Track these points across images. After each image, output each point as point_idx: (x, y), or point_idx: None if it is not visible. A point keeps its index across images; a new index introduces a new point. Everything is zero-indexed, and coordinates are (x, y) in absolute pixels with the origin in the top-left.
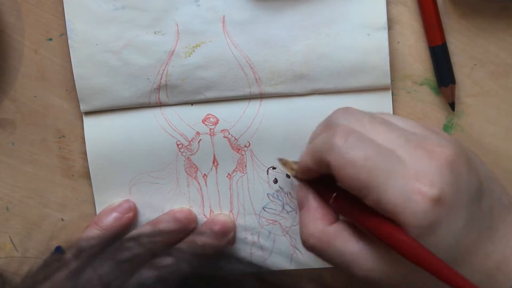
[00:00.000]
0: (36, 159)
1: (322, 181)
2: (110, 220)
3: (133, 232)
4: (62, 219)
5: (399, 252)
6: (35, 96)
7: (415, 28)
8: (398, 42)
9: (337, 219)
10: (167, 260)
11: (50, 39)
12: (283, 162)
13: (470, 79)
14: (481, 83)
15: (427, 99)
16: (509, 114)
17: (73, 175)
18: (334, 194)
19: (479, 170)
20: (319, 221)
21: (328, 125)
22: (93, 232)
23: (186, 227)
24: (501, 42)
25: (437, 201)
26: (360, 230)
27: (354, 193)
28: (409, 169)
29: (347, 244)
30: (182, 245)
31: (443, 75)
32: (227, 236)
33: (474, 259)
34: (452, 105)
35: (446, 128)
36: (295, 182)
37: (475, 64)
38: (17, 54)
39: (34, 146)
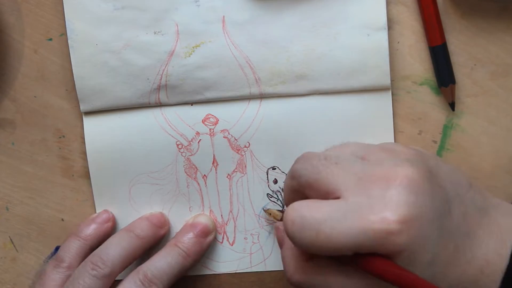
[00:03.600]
0: (36, 159)
1: None
2: (89, 231)
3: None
4: (62, 219)
5: (384, 279)
6: (35, 96)
7: (415, 28)
8: (398, 42)
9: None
10: None
11: (50, 39)
12: (268, 212)
13: (470, 79)
14: (481, 83)
15: (427, 99)
16: (509, 114)
17: (73, 175)
18: None
19: (444, 178)
20: (299, 257)
21: (292, 176)
22: (74, 242)
23: (159, 231)
24: (501, 42)
25: (402, 223)
26: (338, 260)
27: None
28: (365, 210)
29: (328, 277)
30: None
31: (443, 75)
32: (208, 237)
33: (457, 269)
34: (452, 105)
35: (446, 128)
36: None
37: (475, 64)
38: (17, 54)
39: (34, 146)
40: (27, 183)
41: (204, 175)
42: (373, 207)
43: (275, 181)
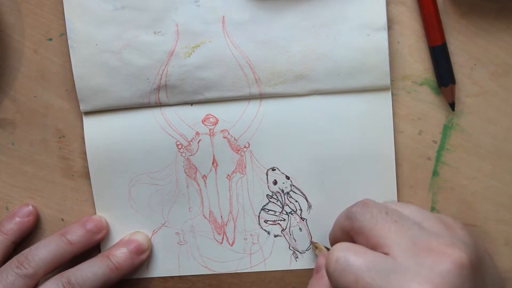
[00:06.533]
0: (36, 159)
1: None
2: (10, 225)
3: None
4: (62, 219)
5: None
6: (35, 96)
7: (415, 28)
8: (398, 42)
9: None
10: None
11: (50, 39)
12: (315, 246)
13: (470, 79)
14: (481, 83)
15: (427, 99)
16: (509, 114)
17: (73, 175)
18: None
19: (486, 271)
20: None
21: (348, 217)
22: None
23: (94, 237)
24: (501, 42)
25: None
26: None
27: None
28: (410, 275)
29: None
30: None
31: (443, 75)
32: (141, 255)
33: None
34: (452, 105)
35: (446, 128)
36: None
37: (475, 64)
38: (17, 54)
39: (34, 146)
40: (27, 183)
41: (204, 175)
42: (419, 275)
43: (275, 182)
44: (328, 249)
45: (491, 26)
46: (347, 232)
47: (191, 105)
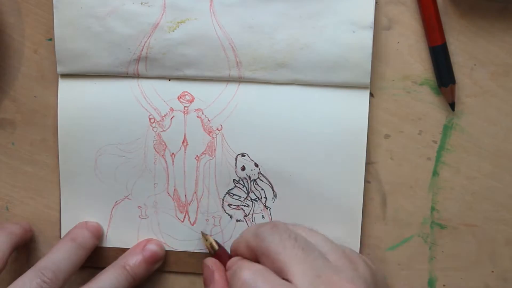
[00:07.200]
0: (36, 159)
1: None
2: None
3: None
4: (62, 219)
5: None
6: (35, 96)
7: (415, 28)
8: (398, 42)
9: None
10: None
11: (50, 39)
12: (205, 238)
13: (470, 79)
14: (481, 83)
15: (427, 99)
16: (509, 114)
17: None
18: None
19: None
20: None
21: (256, 235)
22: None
23: (95, 242)
24: (501, 42)
25: None
26: None
27: None
28: None
29: None
30: None
31: (443, 75)
32: (155, 264)
33: None
34: (452, 105)
35: (446, 128)
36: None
37: (475, 64)
38: (17, 54)
39: (34, 146)
40: (27, 183)
41: (173, 153)
42: None
43: (243, 168)
44: (219, 246)
45: (491, 26)
46: (252, 249)
47: (169, 80)
